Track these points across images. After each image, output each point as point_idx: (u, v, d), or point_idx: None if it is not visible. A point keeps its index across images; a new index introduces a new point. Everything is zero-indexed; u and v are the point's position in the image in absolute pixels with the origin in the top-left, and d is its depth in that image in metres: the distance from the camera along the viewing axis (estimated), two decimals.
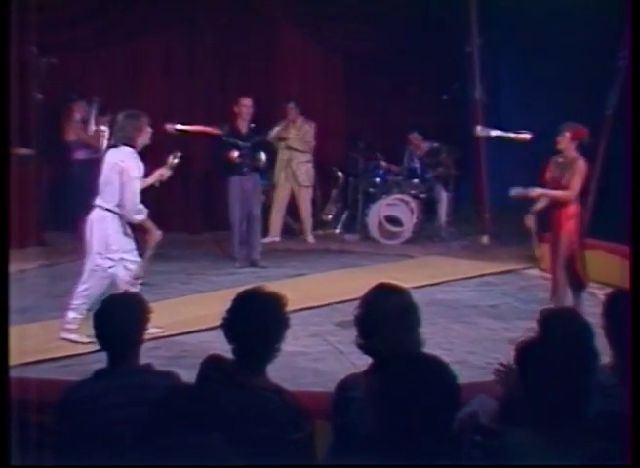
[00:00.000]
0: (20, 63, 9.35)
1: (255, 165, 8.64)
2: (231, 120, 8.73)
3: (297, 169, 9.69)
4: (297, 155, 9.67)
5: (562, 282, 6.32)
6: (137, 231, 6.23)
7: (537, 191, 6.33)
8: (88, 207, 6.12)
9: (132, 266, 6.07)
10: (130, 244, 6.10)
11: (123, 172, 5.94)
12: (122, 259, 6.04)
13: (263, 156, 8.70)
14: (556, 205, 6.36)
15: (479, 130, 7.59)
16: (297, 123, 9.69)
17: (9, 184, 3.44)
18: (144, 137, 6.04)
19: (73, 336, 6.06)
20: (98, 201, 6.06)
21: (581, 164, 6.27)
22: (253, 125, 8.70)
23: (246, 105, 8.68)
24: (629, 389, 1.81)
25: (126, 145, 6.01)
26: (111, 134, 6.29)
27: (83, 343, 5.73)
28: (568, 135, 6.23)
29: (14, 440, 2.03)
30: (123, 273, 6.04)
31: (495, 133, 7.32)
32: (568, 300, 6.32)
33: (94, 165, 6.56)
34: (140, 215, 6.07)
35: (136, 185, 5.98)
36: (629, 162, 3.65)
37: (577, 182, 6.24)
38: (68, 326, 6.13)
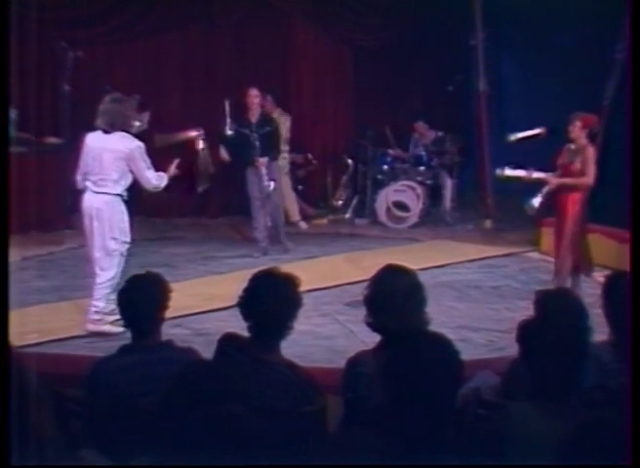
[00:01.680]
0: (51, 57, 9.40)
1: (267, 153, 8.43)
2: (243, 110, 8.57)
3: None
4: None
5: (567, 264, 6.31)
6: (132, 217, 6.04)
7: (558, 181, 6.32)
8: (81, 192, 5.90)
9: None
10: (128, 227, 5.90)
11: (132, 156, 5.73)
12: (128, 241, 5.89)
13: (274, 144, 8.54)
14: (563, 190, 6.34)
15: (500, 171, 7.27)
16: (274, 114, 9.38)
17: (9, 175, 3.46)
18: (134, 120, 5.88)
19: (106, 327, 5.71)
20: (99, 188, 5.78)
21: (591, 151, 6.30)
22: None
23: (252, 95, 8.39)
24: (630, 390, 1.79)
25: (121, 130, 5.77)
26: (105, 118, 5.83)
27: (117, 333, 5.27)
28: (579, 123, 6.25)
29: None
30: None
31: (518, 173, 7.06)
32: (569, 282, 6.31)
33: None
34: (163, 182, 5.91)
35: (147, 163, 5.78)
36: (629, 148, 3.61)
37: (592, 169, 6.28)
38: (95, 316, 5.82)
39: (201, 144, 6.53)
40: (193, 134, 6.77)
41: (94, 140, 5.88)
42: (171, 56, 10.28)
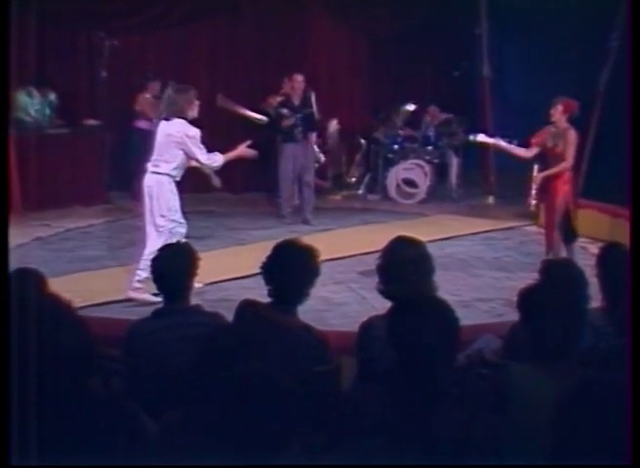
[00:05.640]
0: (89, 46, 9.38)
1: (307, 133, 8.51)
2: (285, 93, 8.63)
3: None
4: None
5: (557, 239, 6.26)
6: (182, 194, 5.99)
7: (542, 175, 6.28)
8: (142, 173, 5.89)
9: (181, 229, 5.86)
10: (179, 206, 5.88)
11: (184, 141, 5.71)
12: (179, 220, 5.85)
13: (313, 124, 8.61)
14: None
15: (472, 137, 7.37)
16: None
17: (9, 156, 3.43)
18: (194, 110, 5.84)
19: (146, 296, 5.50)
20: (153, 168, 5.79)
21: (572, 134, 6.18)
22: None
23: (298, 81, 8.54)
24: (630, 390, 1.76)
25: (178, 117, 5.77)
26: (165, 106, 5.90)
27: (155, 302, 4.93)
28: (560, 107, 6.13)
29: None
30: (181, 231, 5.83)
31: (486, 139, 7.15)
32: (562, 254, 6.26)
33: (152, 135, 6.35)
34: (218, 160, 5.89)
35: (199, 145, 5.77)
36: (630, 128, 3.55)
37: (571, 153, 6.18)
38: (138, 285, 5.69)
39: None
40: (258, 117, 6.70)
41: (160, 127, 5.88)
42: (199, 44, 10.24)
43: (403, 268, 3.08)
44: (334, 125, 9.88)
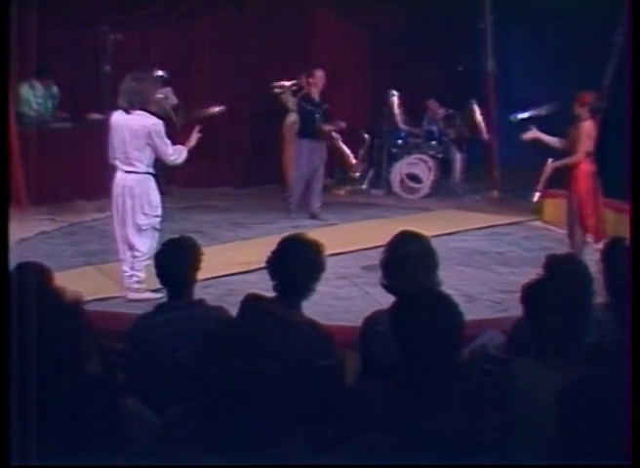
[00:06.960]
0: (93, 40, 9.38)
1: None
2: (306, 89, 8.56)
3: None
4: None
5: (578, 236, 6.19)
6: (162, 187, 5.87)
7: (552, 165, 6.22)
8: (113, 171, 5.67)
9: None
10: (159, 201, 5.73)
11: (150, 136, 5.46)
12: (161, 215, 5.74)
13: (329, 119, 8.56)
14: (573, 165, 6.22)
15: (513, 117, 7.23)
16: None
17: (12, 150, 3.42)
18: (153, 98, 5.59)
19: (146, 295, 5.44)
20: (129, 167, 5.53)
21: (586, 125, 6.11)
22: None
23: (318, 76, 8.44)
24: (629, 389, 1.76)
25: (140, 109, 5.50)
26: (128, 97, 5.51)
27: (157, 298, 4.82)
28: (579, 101, 6.11)
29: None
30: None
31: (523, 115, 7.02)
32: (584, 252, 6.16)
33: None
34: (182, 156, 5.66)
35: (165, 140, 5.52)
36: (629, 124, 3.54)
37: (582, 145, 6.10)
38: (137, 286, 5.65)
39: None
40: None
41: (117, 119, 5.59)
42: (202, 39, 10.22)
43: (407, 263, 3.08)
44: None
